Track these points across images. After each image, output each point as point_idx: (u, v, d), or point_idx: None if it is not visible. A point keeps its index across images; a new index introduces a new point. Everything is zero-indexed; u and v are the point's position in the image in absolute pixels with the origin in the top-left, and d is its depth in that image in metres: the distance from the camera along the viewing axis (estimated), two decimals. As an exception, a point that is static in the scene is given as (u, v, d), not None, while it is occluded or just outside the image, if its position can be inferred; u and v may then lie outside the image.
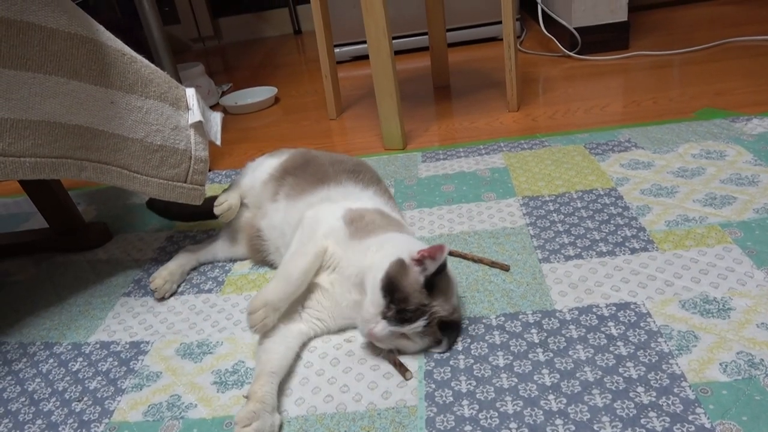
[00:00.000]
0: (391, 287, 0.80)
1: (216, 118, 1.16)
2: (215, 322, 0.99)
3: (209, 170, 1.12)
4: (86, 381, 0.90)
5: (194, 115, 1.08)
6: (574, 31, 2.08)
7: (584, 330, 0.84)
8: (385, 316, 0.80)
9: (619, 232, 1.05)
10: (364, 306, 0.82)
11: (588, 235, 1.06)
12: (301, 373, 0.85)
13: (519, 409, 0.73)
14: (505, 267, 1.00)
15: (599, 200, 1.16)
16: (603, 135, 1.45)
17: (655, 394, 0.72)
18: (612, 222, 1.08)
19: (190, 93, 1.08)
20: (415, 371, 0.82)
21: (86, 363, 0.94)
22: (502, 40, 2.35)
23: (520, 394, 0.75)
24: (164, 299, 1.07)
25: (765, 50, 1.89)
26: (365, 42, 1.47)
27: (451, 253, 1.06)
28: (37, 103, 0.88)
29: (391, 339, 0.82)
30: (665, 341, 0.80)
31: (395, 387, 0.80)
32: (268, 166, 1.13)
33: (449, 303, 0.83)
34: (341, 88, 2.02)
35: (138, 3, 1.57)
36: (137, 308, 1.06)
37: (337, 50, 2.51)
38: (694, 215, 1.06)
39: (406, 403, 0.77)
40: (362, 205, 0.97)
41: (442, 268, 0.82)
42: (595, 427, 0.69)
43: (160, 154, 1.04)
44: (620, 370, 0.76)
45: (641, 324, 0.83)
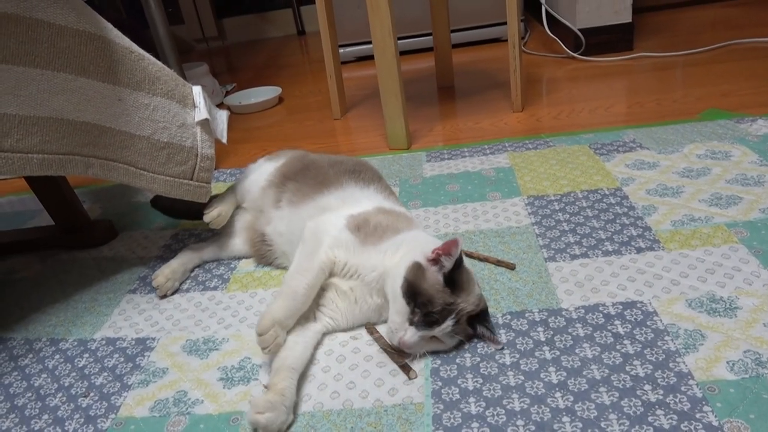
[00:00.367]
0: (413, 292, 0.80)
1: (222, 116, 1.17)
2: (221, 319, 0.99)
3: (214, 168, 1.12)
4: (92, 377, 0.90)
5: (201, 112, 1.08)
6: (579, 33, 2.08)
7: (591, 328, 0.84)
8: (412, 322, 0.80)
9: (624, 232, 1.05)
10: (390, 317, 0.82)
11: (594, 235, 1.06)
12: (307, 369, 0.85)
13: (526, 406, 0.73)
14: (510, 266, 1.00)
15: (604, 200, 1.16)
16: (608, 135, 1.45)
17: (662, 392, 0.72)
18: (617, 221, 1.08)
19: (196, 91, 1.09)
20: (421, 369, 0.82)
21: (92, 359, 0.94)
22: (506, 41, 2.35)
23: (527, 392, 0.75)
24: (166, 296, 1.07)
25: (769, 52, 1.89)
26: (369, 42, 1.48)
27: (456, 252, 1.06)
28: (45, 100, 0.88)
29: (421, 344, 0.81)
30: (672, 340, 0.80)
31: (401, 384, 0.80)
32: (266, 171, 1.14)
33: (473, 295, 0.83)
34: (345, 89, 2.03)
35: (144, 2, 1.58)
36: (143, 305, 1.06)
37: (341, 51, 2.52)
38: (699, 215, 1.06)
39: (412, 400, 0.77)
40: (362, 208, 0.96)
41: (460, 263, 0.81)
42: (602, 424, 0.69)
43: (166, 151, 1.04)
44: (627, 368, 0.76)
45: (648, 322, 0.83)
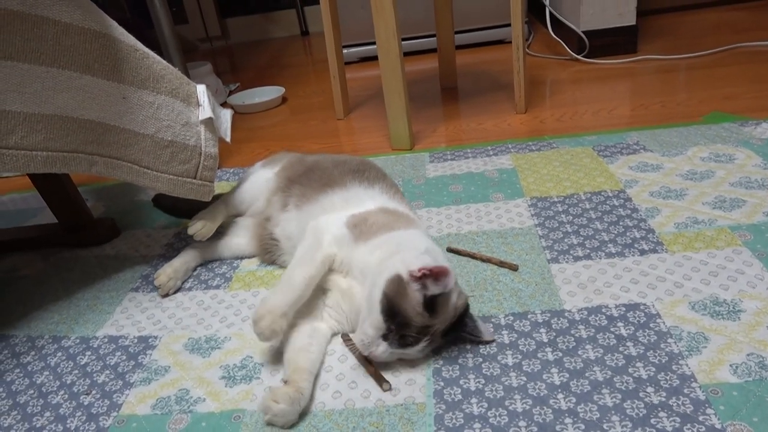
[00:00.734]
0: (392, 311, 0.77)
1: (226, 115, 1.17)
2: (223, 318, 0.99)
3: (217, 168, 1.12)
4: (94, 374, 0.90)
5: (205, 111, 1.08)
6: (582, 35, 2.08)
7: (593, 330, 0.84)
8: (386, 339, 0.78)
9: (628, 234, 1.05)
10: (363, 326, 0.80)
11: (597, 236, 1.05)
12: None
13: (528, 407, 0.73)
14: (513, 267, 1.00)
15: (608, 202, 1.16)
16: (611, 137, 1.45)
17: (665, 394, 0.72)
18: (621, 223, 1.08)
19: (200, 89, 1.09)
20: (423, 369, 0.82)
21: (94, 357, 0.94)
22: (509, 42, 2.36)
23: (529, 393, 0.75)
24: (168, 295, 1.07)
25: (774, 55, 1.89)
26: (373, 43, 1.48)
27: (459, 253, 1.06)
28: (49, 97, 0.89)
29: (393, 356, 0.80)
30: (675, 342, 0.79)
31: (404, 384, 0.80)
32: (268, 178, 1.15)
33: (450, 309, 0.80)
34: (348, 89, 2.03)
35: (149, 2, 1.58)
36: (145, 303, 1.06)
37: (344, 51, 2.52)
38: (703, 218, 1.06)
39: (414, 400, 0.77)
40: (365, 208, 0.96)
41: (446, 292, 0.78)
42: (604, 426, 0.69)
43: (170, 149, 1.04)
44: (630, 370, 0.76)
45: (651, 325, 0.83)
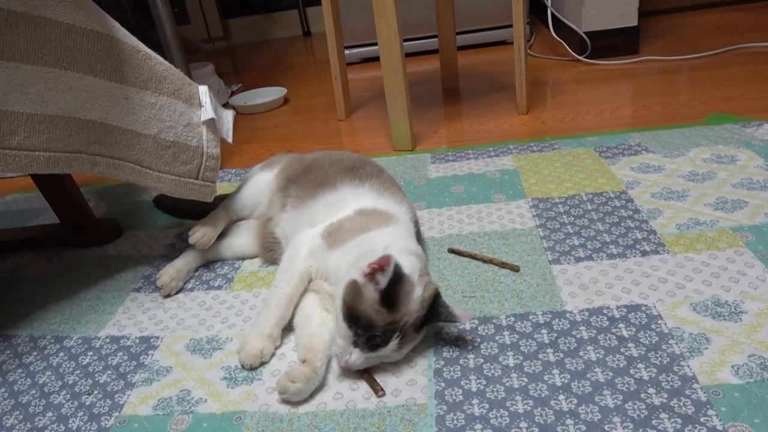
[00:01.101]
0: (353, 316, 0.77)
1: (228, 116, 1.17)
2: (225, 319, 0.99)
3: (219, 168, 1.12)
4: (96, 375, 0.90)
5: (207, 112, 1.08)
6: (584, 36, 2.08)
7: (595, 331, 0.84)
8: (357, 344, 0.78)
9: (629, 235, 1.05)
10: (335, 340, 0.81)
11: (598, 237, 1.05)
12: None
13: (529, 408, 0.73)
14: (515, 268, 1.00)
15: (609, 203, 1.16)
16: (613, 138, 1.45)
17: (666, 395, 0.72)
18: (622, 224, 1.08)
19: (202, 90, 1.09)
20: (424, 369, 0.82)
21: (96, 357, 0.94)
22: (511, 43, 2.35)
23: (531, 394, 0.75)
24: (170, 296, 1.07)
25: (776, 56, 1.89)
26: (375, 44, 1.48)
27: (461, 253, 1.06)
28: (52, 98, 0.89)
29: (369, 361, 0.80)
30: (676, 343, 0.79)
31: (405, 385, 0.80)
32: (268, 180, 1.15)
33: (414, 303, 0.79)
34: (350, 90, 2.03)
35: (152, 2, 1.59)
36: (147, 304, 1.06)
37: (346, 52, 2.52)
38: (705, 219, 1.06)
39: (415, 401, 0.77)
40: (345, 213, 0.97)
41: (396, 280, 0.77)
42: (606, 427, 0.69)
43: (172, 150, 1.04)
44: (631, 371, 0.76)
45: (652, 326, 0.83)
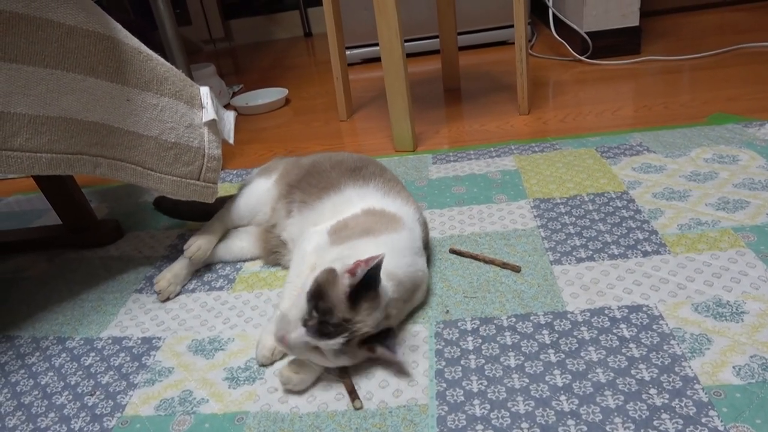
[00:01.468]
0: (318, 295, 0.76)
1: (229, 116, 1.17)
2: (226, 319, 0.99)
3: (221, 169, 1.12)
4: (98, 375, 0.90)
5: (208, 113, 1.08)
6: (586, 36, 2.08)
7: (596, 332, 0.84)
8: (306, 324, 0.76)
9: (631, 235, 1.05)
10: (285, 308, 0.79)
11: (600, 238, 1.05)
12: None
13: (531, 409, 0.73)
14: (516, 268, 1.00)
15: (611, 203, 1.16)
16: (614, 139, 1.45)
17: (667, 396, 0.72)
18: (624, 225, 1.08)
19: (204, 91, 1.09)
20: (425, 370, 0.82)
21: (98, 358, 0.95)
22: (512, 43, 2.35)
23: (532, 395, 0.75)
24: (169, 299, 1.07)
25: (778, 56, 1.89)
26: (376, 44, 1.48)
27: (462, 254, 1.06)
28: (54, 100, 0.89)
29: (303, 349, 0.77)
30: (678, 344, 0.79)
31: (406, 385, 0.80)
32: (265, 189, 1.15)
33: (374, 318, 0.77)
34: (352, 90, 2.03)
35: (153, 3, 1.59)
36: (149, 305, 1.07)
37: (348, 52, 2.53)
38: (706, 219, 1.06)
39: (417, 402, 0.77)
40: (352, 212, 0.96)
41: (372, 283, 0.78)
42: (607, 428, 0.69)
43: (174, 151, 1.04)
44: (632, 371, 0.76)
45: (654, 326, 0.83)
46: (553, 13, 2.28)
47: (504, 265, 1.01)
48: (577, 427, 0.70)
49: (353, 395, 0.79)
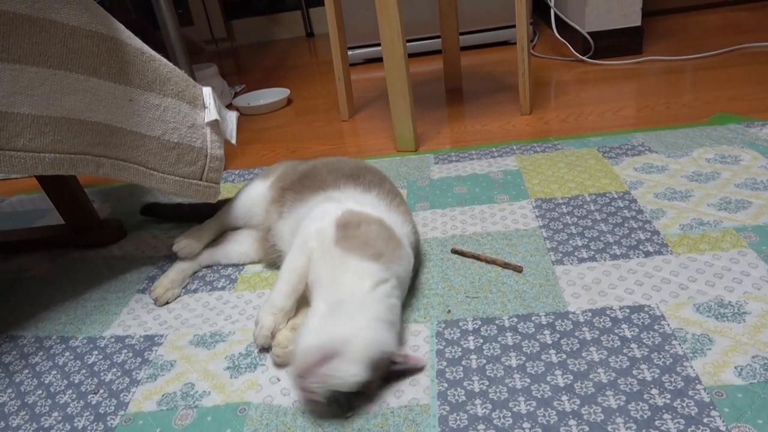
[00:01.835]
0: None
1: (231, 117, 1.17)
2: (228, 316, 1.00)
3: (223, 169, 1.13)
4: (102, 373, 0.91)
5: (210, 113, 1.09)
6: (588, 36, 2.08)
7: (598, 332, 0.84)
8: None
9: (632, 235, 1.05)
10: (305, 343, 0.75)
11: (602, 238, 1.05)
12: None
13: (532, 409, 0.73)
14: (518, 268, 1.00)
15: (613, 203, 1.16)
16: (616, 139, 1.45)
17: (669, 396, 0.72)
18: (626, 225, 1.08)
19: (206, 92, 1.10)
20: (427, 370, 0.82)
21: (101, 356, 0.95)
22: (514, 43, 2.36)
23: (533, 395, 0.75)
24: (168, 303, 1.07)
25: (780, 56, 1.88)
26: (378, 44, 1.49)
27: (463, 254, 1.06)
28: (57, 100, 0.89)
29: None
30: (679, 344, 0.79)
31: (408, 386, 0.80)
32: (259, 192, 1.14)
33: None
34: (353, 91, 2.03)
35: (156, 4, 1.60)
36: (151, 304, 1.07)
37: (349, 53, 2.53)
38: (708, 219, 1.06)
39: (418, 402, 0.77)
40: (365, 210, 0.92)
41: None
42: (609, 428, 0.69)
43: (176, 151, 1.05)
44: (634, 372, 0.76)
45: (655, 327, 0.83)
46: (555, 13, 2.28)
47: (506, 265, 1.01)
48: (578, 427, 0.70)
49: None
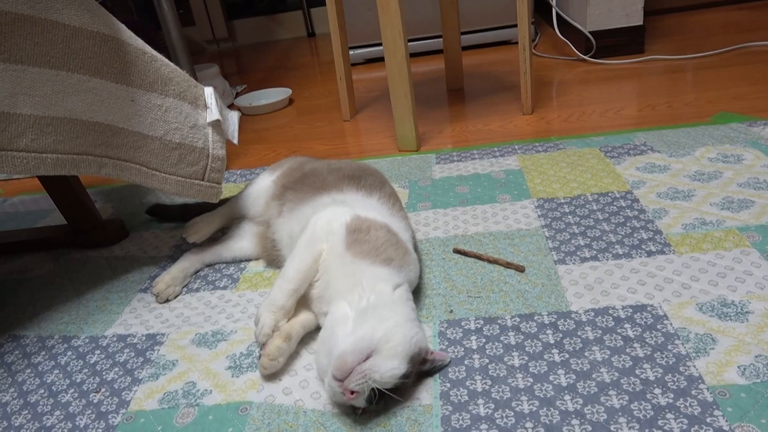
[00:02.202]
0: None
1: (233, 117, 1.18)
2: (230, 315, 1.00)
3: (225, 169, 1.13)
4: (104, 372, 0.91)
5: (212, 113, 1.09)
6: (589, 35, 2.07)
7: (600, 331, 0.84)
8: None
9: (635, 235, 1.05)
10: (342, 348, 0.73)
11: (604, 238, 1.05)
12: (316, 368, 0.85)
13: (535, 408, 0.73)
14: (520, 268, 1.00)
15: (615, 203, 1.16)
16: (618, 138, 1.44)
17: (672, 395, 0.72)
18: (628, 225, 1.08)
19: (208, 92, 1.10)
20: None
21: (103, 355, 0.95)
22: (516, 43, 2.36)
23: (536, 394, 0.75)
24: (168, 301, 1.07)
25: (782, 55, 1.88)
26: (380, 44, 1.49)
27: (466, 254, 1.06)
28: (59, 100, 0.89)
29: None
30: (682, 343, 0.79)
31: (409, 385, 0.80)
32: (266, 184, 1.16)
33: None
34: (355, 91, 2.03)
35: (157, 4, 1.60)
36: (153, 304, 1.07)
37: (351, 53, 2.53)
38: (711, 218, 1.06)
39: (421, 402, 0.77)
40: (371, 215, 0.92)
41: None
42: (611, 427, 0.69)
43: (178, 151, 1.05)
44: (637, 371, 0.76)
45: (658, 326, 0.83)
46: (557, 13, 2.28)
47: (508, 265, 1.01)
48: (581, 427, 0.70)
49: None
